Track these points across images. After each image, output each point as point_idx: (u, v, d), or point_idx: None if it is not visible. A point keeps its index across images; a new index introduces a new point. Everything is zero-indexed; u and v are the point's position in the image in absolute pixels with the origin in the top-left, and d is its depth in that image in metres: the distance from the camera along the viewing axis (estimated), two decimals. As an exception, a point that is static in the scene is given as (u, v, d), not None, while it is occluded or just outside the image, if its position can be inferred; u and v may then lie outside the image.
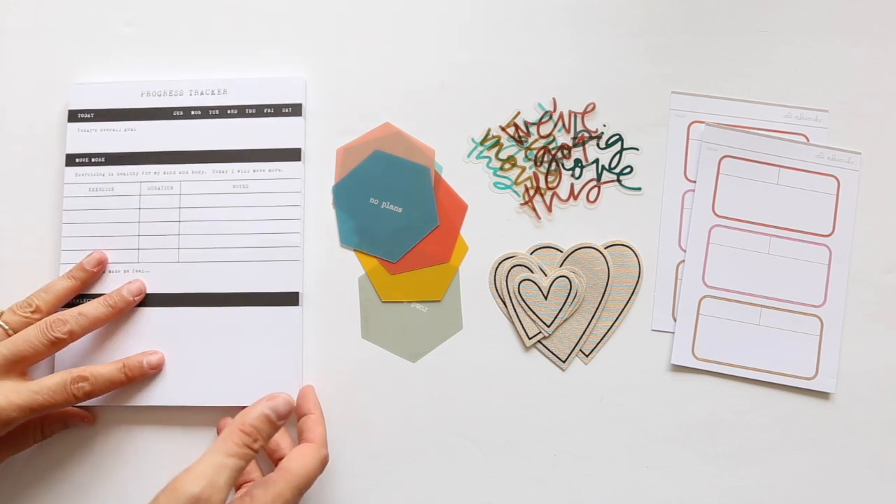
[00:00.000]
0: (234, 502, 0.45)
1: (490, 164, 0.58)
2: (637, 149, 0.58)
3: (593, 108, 0.58)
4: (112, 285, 0.57)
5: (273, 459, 0.53)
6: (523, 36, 0.58)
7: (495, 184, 0.58)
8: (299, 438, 0.52)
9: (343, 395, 0.57)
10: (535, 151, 0.58)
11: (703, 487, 0.55)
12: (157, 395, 0.55)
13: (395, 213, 0.54)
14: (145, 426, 0.56)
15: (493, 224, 0.57)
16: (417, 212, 0.54)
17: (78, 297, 0.56)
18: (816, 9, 0.58)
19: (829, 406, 0.56)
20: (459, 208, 0.55)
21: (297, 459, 0.49)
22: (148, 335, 0.56)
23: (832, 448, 0.55)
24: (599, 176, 0.58)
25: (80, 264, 0.56)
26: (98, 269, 0.56)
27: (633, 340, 0.57)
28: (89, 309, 0.54)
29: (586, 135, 0.58)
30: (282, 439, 0.54)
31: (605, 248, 0.57)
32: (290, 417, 0.50)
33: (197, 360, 0.55)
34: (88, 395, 0.52)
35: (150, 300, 0.56)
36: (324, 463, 0.50)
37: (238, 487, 0.52)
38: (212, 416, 0.56)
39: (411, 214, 0.54)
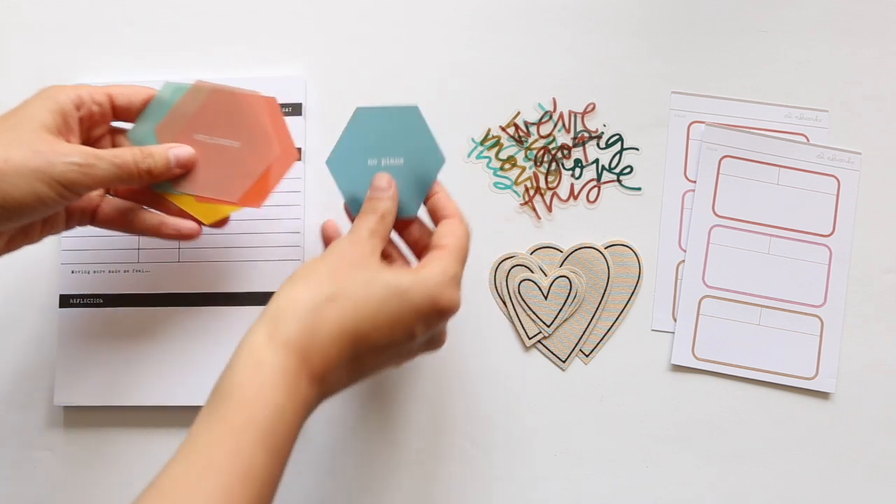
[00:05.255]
0: (397, 270, 0.45)
1: (490, 164, 0.58)
2: (637, 149, 0.58)
3: (593, 108, 0.58)
4: (112, 285, 0.57)
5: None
6: (523, 36, 0.58)
7: (495, 184, 0.58)
8: (435, 218, 0.50)
9: (342, 394, 0.56)
10: (535, 151, 0.58)
11: (703, 487, 0.55)
12: (158, 394, 0.55)
13: (398, 166, 0.50)
14: (146, 426, 0.56)
15: (493, 224, 0.57)
16: (419, 157, 0.50)
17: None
18: (816, 9, 0.58)
19: (829, 406, 0.56)
20: (286, 154, 0.51)
21: (448, 235, 0.47)
22: (148, 335, 0.56)
23: (832, 448, 0.55)
24: (599, 176, 0.58)
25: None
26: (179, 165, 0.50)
27: (633, 340, 0.57)
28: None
29: (586, 135, 0.58)
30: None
31: (605, 248, 0.57)
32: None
33: (197, 359, 0.55)
34: (150, 174, 0.48)
35: (150, 300, 0.56)
36: (469, 232, 0.49)
37: None
38: (212, 416, 0.55)
39: (413, 162, 0.50)
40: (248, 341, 0.41)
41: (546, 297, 0.57)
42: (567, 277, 0.57)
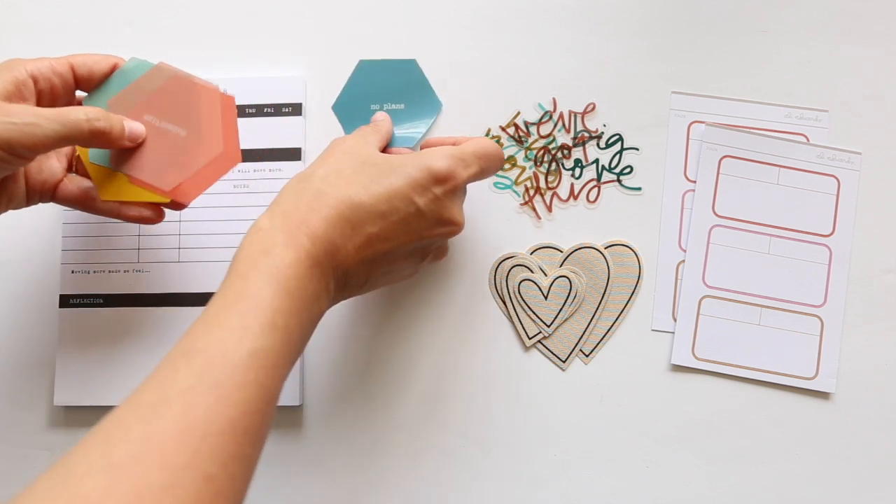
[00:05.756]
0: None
1: (490, 164, 0.58)
2: (637, 149, 0.58)
3: (593, 108, 0.58)
4: (112, 285, 0.57)
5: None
6: (523, 36, 0.58)
7: (495, 184, 0.58)
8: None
9: (343, 394, 0.57)
10: (535, 151, 0.58)
11: (703, 487, 0.55)
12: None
13: (399, 110, 0.56)
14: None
15: (493, 224, 0.57)
16: (418, 102, 0.56)
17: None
18: (816, 9, 0.58)
19: (829, 406, 0.56)
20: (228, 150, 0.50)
21: (463, 141, 0.50)
22: (148, 335, 0.56)
23: (832, 448, 0.55)
24: (599, 176, 0.58)
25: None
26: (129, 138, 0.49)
27: (633, 340, 0.57)
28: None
29: (586, 135, 0.58)
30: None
31: (605, 248, 0.57)
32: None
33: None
34: (102, 135, 0.46)
35: (150, 300, 0.56)
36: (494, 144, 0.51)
37: None
38: (212, 416, 0.55)
39: (413, 107, 0.56)
40: (254, 224, 0.43)
41: (546, 297, 0.57)
42: (567, 277, 0.57)
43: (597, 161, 0.58)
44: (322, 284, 0.43)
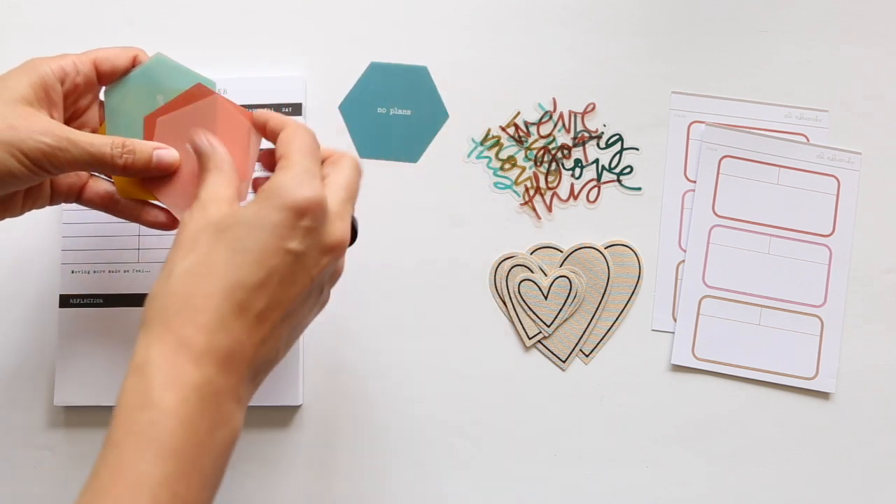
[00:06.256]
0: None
1: (490, 165, 0.58)
2: (637, 149, 0.58)
3: (593, 108, 0.58)
4: (111, 285, 0.57)
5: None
6: (523, 36, 0.58)
7: (495, 184, 0.58)
8: (270, 137, 0.46)
9: (342, 393, 0.57)
10: (535, 151, 0.58)
11: (703, 487, 0.55)
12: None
13: (405, 116, 0.56)
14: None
15: (493, 224, 0.57)
16: (426, 110, 0.56)
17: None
18: (816, 9, 0.58)
19: (829, 406, 0.56)
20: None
21: (285, 143, 0.43)
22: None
23: (832, 448, 0.55)
24: (599, 176, 0.58)
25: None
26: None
27: (633, 340, 0.57)
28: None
29: (586, 135, 0.58)
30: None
31: (605, 248, 0.57)
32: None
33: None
34: (126, 170, 0.45)
35: (150, 300, 0.56)
36: (308, 130, 0.44)
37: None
38: (212, 416, 0.55)
39: (420, 114, 0.55)
40: (129, 368, 0.38)
41: (546, 297, 0.57)
42: (567, 277, 0.57)
43: (597, 161, 0.58)
44: (226, 405, 0.38)
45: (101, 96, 0.50)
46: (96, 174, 0.51)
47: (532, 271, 0.57)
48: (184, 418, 0.36)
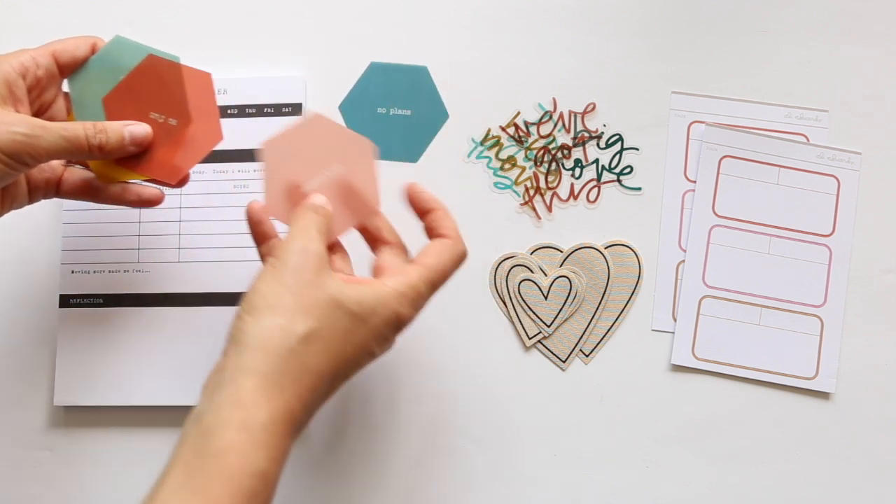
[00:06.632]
0: (357, 287, 0.43)
1: (490, 164, 0.58)
2: (637, 149, 0.58)
3: (593, 108, 0.58)
4: (112, 285, 0.57)
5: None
6: (523, 36, 0.58)
7: (495, 184, 0.58)
8: (430, 235, 0.48)
9: (342, 394, 0.56)
10: (535, 151, 0.58)
11: (703, 487, 0.55)
12: (158, 394, 0.55)
13: (405, 116, 0.54)
14: (146, 427, 0.56)
15: (493, 224, 0.57)
16: (426, 110, 0.55)
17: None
18: (816, 9, 0.58)
19: (829, 406, 0.56)
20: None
21: (432, 255, 0.45)
22: (148, 335, 0.56)
23: (832, 448, 0.55)
24: (599, 176, 0.58)
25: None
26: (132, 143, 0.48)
27: (633, 340, 0.57)
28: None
29: (586, 135, 0.58)
30: (389, 259, 0.48)
31: (605, 248, 0.57)
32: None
33: (197, 360, 0.55)
34: (102, 150, 0.46)
35: (150, 300, 0.56)
36: (462, 258, 0.46)
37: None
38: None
39: (420, 114, 0.55)
40: (234, 386, 0.39)
41: (546, 297, 0.57)
42: (567, 277, 0.57)
43: (597, 161, 0.58)
44: (283, 466, 0.41)
45: (66, 88, 0.50)
46: (71, 164, 0.51)
47: (532, 271, 0.57)
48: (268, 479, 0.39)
